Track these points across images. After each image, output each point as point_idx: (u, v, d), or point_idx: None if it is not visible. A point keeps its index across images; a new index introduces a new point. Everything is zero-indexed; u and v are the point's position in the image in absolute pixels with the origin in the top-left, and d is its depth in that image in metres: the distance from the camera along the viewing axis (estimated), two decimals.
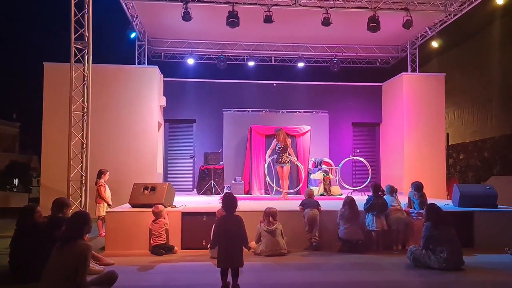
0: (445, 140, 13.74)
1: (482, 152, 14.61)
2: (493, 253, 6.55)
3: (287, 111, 12.98)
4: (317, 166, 11.21)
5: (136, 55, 12.91)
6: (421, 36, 13.00)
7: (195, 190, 12.34)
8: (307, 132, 11.54)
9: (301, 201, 7.29)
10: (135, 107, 11.30)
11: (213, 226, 6.09)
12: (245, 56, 14.40)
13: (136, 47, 12.90)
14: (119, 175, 9.80)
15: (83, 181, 8.07)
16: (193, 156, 13.34)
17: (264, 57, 14.59)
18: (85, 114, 8.21)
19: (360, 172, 12.25)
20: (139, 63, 12.86)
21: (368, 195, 7.30)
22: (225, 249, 4.56)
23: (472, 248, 6.89)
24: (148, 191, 7.24)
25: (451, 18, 11.55)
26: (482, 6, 11.38)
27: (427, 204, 6.12)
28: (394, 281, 5.23)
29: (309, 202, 7.09)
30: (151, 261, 6.12)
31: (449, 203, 8.04)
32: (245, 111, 12.87)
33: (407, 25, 10.80)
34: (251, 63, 14.37)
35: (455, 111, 16.04)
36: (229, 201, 4.84)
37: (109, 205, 8.14)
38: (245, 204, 7.75)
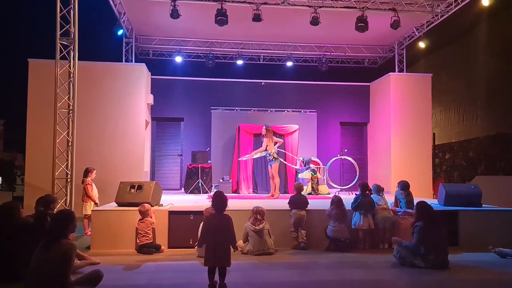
0: (431, 140, 13.90)
1: (467, 152, 14.79)
2: (477, 252, 6.65)
3: (275, 110, 12.96)
4: (305, 165, 11.23)
5: (124, 52, 12.76)
6: (408, 36, 13.11)
7: (182, 189, 12.27)
8: (295, 131, 11.58)
9: (290, 196, 7.29)
10: (122, 105, 11.16)
11: (201, 224, 6.08)
12: (233, 54, 14.36)
13: (124, 45, 12.75)
14: (105, 173, 9.69)
15: (69, 180, 7.96)
16: (181, 155, 13.27)
17: (252, 55, 14.56)
18: (70, 112, 8.10)
19: (347, 171, 12.33)
20: (126, 61, 12.70)
21: (355, 194, 7.34)
22: (213, 248, 4.52)
23: (457, 246, 6.98)
24: (134, 189, 7.17)
25: (438, 19, 11.69)
26: (468, 7, 11.54)
27: (418, 202, 6.04)
28: (382, 280, 5.27)
29: (298, 201, 7.07)
30: (138, 260, 6.06)
31: (435, 202, 8.11)
32: (234, 109, 12.82)
33: (395, 25, 10.90)
34: (239, 62, 14.31)
35: (441, 112, 16.21)
36: (219, 199, 4.80)
37: (96, 204, 8.05)
38: (233, 203, 7.70)
